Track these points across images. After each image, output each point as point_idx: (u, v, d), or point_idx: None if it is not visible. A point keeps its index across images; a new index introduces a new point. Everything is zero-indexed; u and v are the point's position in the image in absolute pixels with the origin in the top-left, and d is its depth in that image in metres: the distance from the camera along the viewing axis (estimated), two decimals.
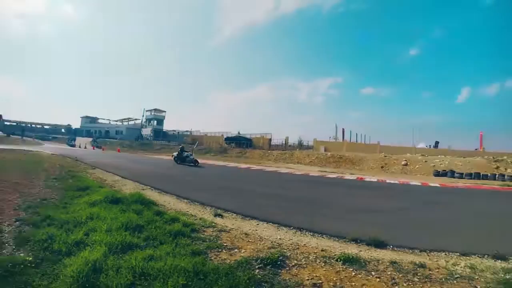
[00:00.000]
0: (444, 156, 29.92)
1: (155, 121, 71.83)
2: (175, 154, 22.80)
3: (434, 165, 26.16)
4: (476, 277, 3.89)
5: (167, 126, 73.80)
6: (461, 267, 4.27)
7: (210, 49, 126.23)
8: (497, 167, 25.40)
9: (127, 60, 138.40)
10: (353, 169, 27.35)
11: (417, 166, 26.80)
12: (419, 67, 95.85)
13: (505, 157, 28.26)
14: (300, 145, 45.17)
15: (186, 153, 22.33)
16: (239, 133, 52.11)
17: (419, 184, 17.18)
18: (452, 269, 4.18)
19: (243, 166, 24.89)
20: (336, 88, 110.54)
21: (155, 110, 71.96)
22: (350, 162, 30.38)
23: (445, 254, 4.91)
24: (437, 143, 40.75)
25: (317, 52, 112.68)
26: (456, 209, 9.58)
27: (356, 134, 50.81)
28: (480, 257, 4.80)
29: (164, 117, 73.08)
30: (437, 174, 24.01)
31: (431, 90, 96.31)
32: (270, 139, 47.25)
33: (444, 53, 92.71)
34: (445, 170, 24.40)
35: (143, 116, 71.96)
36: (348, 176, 20.04)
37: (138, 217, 5.53)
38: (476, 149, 35.04)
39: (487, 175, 22.96)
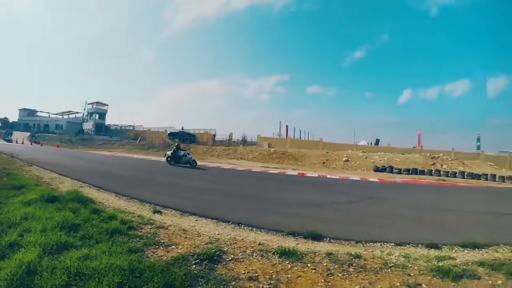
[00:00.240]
0: (384, 153, 32.71)
1: (97, 115, 69.05)
2: (168, 153, 20.49)
3: (374, 161, 28.41)
4: (410, 265, 4.07)
5: (110, 120, 71.27)
6: (395, 256, 4.46)
7: (158, 42, 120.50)
8: (434, 164, 28.66)
9: (68, 50, 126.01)
10: (296, 165, 28.44)
11: (357, 162, 28.79)
12: (363, 68, 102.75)
13: (441, 154, 32.09)
14: (244, 141, 45.93)
15: (182, 151, 20.16)
16: (182, 128, 52.32)
17: (359, 179, 18.45)
18: (387, 258, 4.35)
19: None
20: (282, 86, 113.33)
21: (97, 103, 69.23)
22: (292, 158, 31.55)
23: (381, 245, 5.13)
24: (377, 140, 44.52)
25: (267, 49, 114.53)
26: (392, 202, 10.34)
27: (300, 131, 53.21)
28: (415, 246, 5.10)
29: (106, 110, 70.41)
30: (377, 169, 26.10)
31: (374, 91, 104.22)
32: (214, 135, 48.07)
33: (387, 57, 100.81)
34: (384, 166, 26.64)
35: (84, 109, 68.82)
36: (290, 172, 20.88)
37: (74, 215, 5.56)
38: (414, 147, 39.08)
39: (424, 170, 25.76)
